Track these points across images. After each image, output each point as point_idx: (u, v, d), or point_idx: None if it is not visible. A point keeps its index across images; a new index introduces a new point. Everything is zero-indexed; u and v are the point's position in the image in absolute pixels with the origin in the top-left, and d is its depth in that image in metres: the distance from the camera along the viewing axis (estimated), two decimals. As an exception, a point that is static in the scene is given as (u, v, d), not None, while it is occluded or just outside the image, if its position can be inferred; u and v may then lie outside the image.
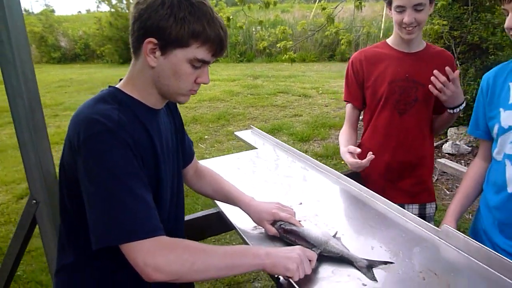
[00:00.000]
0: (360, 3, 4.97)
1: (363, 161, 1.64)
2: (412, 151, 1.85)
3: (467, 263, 1.12)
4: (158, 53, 1.00)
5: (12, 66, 1.27)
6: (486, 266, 1.09)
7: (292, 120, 6.66)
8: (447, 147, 4.83)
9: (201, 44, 1.00)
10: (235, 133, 2.64)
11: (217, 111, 7.17)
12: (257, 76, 10.44)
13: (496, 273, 1.06)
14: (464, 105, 1.72)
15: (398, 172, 1.86)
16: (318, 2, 6.67)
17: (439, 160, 4.46)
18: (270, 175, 1.83)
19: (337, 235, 1.24)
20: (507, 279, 1.04)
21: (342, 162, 4.18)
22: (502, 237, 1.37)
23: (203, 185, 1.47)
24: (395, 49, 1.83)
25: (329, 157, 5.00)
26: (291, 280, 1.02)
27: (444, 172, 4.38)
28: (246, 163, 2.00)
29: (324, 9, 5.21)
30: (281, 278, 1.06)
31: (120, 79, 1.13)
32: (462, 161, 4.63)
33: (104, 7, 16.06)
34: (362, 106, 1.97)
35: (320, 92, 8.59)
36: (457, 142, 4.85)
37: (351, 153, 1.74)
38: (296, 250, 1.07)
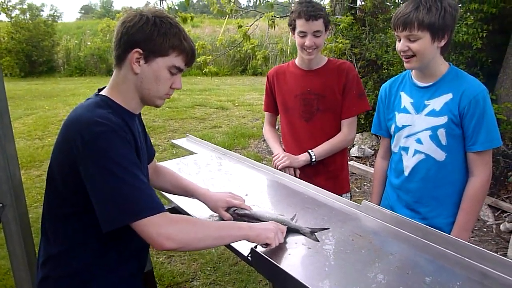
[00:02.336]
0: (273, 22, 5.42)
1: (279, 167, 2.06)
2: None
3: (382, 226, 1.47)
4: (142, 61, 1.21)
5: (-16, 76, 1.35)
6: (395, 227, 1.44)
7: (212, 131, 6.90)
8: (354, 151, 5.44)
9: (178, 54, 1.23)
10: (172, 141, 2.81)
11: (136, 125, 7.14)
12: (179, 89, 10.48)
13: (401, 230, 1.42)
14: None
15: (313, 169, 2.16)
16: (227, 18, 7.06)
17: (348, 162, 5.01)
18: (214, 174, 2.07)
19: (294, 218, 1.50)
20: (410, 234, 1.39)
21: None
22: (404, 209, 1.77)
23: (162, 181, 1.66)
24: (299, 68, 2.20)
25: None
26: (268, 247, 1.27)
27: (353, 173, 4.93)
28: (189, 166, 2.21)
29: (240, 26, 5.57)
30: (259, 246, 1.28)
31: (99, 89, 1.30)
32: (367, 162, 5.25)
33: (3, 17, 14.87)
34: (276, 113, 2.35)
35: (236, 104, 8.95)
36: (362, 146, 5.48)
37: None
38: (271, 224, 1.33)
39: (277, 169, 2.05)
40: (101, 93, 1.27)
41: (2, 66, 13.61)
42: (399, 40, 1.63)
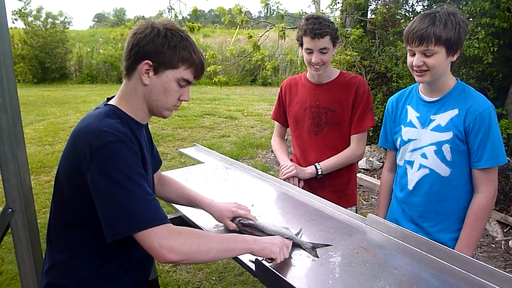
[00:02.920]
0: (284, 33, 5.46)
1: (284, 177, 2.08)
2: None
3: (387, 240, 1.46)
4: (151, 73, 1.23)
5: (-1, 84, 1.39)
6: (400, 241, 1.44)
7: (220, 140, 6.92)
8: (362, 163, 5.42)
9: (187, 67, 1.25)
10: (180, 150, 2.83)
11: (145, 132, 7.20)
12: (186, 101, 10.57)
13: (407, 244, 1.41)
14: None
15: (319, 182, 2.17)
16: (238, 29, 7.13)
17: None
18: (221, 184, 2.08)
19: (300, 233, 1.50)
20: (415, 248, 1.39)
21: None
22: (407, 221, 1.77)
23: (167, 191, 1.66)
24: (309, 81, 2.21)
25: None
26: (272, 261, 1.26)
27: (361, 185, 4.91)
28: (196, 175, 2.22)
29: (251, 37, 5.62)
30: (263, 259, 1.27)
31: (108, 98, 1.32)
32: (375, 175, 5.23)
33: (19, 24, 15.15)
34: (286, 125, 2.36)
35: (245, 114, 8.99)
36: (370, 159, 5.46)
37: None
38: (277, 239, 1.31)
39: (282, 178, 2.06)
40: (110, 102, 1.29)
41: (15, 72, 13.89)
42: (412, 55, 1.62)
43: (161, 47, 1.20)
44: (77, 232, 1.23)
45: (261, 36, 5.85)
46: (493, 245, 3.61)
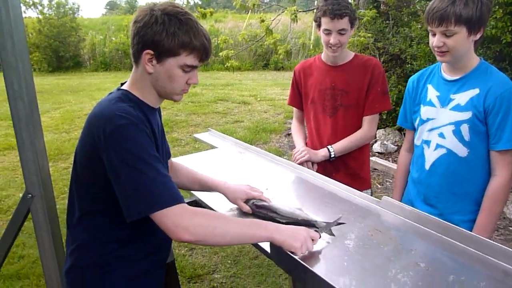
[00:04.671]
0: (296, 16, 5.39)
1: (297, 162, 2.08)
2: None
3: (402, 222, 1.46)
4: (154, 61, 1.22)
5: (15, 72, 1.41)
6: (415, 223, 1.43)
7: (234, 126, 6.94)
8: (376, 147, 5.38)
9: (189, 53, 1.22)
10: (194, 135, 2.85)
11: (159, 119, 7.25)
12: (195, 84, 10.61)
13: (422, 227, 1.41)
14: None
15: (333, 166, 2.17)
16: (250, 13, 7.06)
17: (370, 158, 4.96)
18: (235, 168, 2.09)
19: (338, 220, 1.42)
20: (431, 230, 1.38)
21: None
22: (423, 204, 1.76)
23: (179, 178, 1.66)
24: (324, 63, 2.20)
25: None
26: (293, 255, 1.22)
27: (375, 169, 4.88)
28: (211, 160, 2.24)
29: (263, 21, 5.56)
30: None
31: (122, 83, 1.34)
32: (390, 158, 5.19)
33: (31, 13, 15.28)
34: (300, 107, 2.36)
35: (259, 99, 8.97)
36: (385, 142, 5.42)
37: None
38: (302, 231, 1.24)
39: (296, 162, 2.07)
40: (122, 87, 1.30)
41: (31, 61, 14.06)
42: (434, 35, 1.60)
43: (159, 35, 1.18)
44: (96, 216, 1.26)
45: (273, 20, 5.79)
46: (510, 228, 3.57)
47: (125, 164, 1.11)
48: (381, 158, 5.17)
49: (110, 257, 1.27)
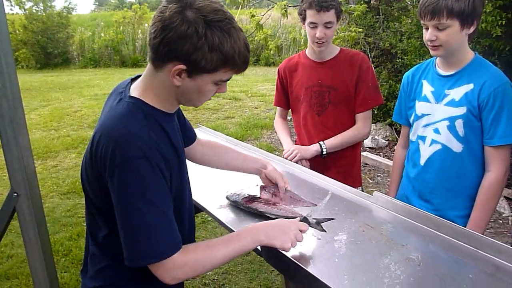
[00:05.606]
0: (286, 11, 5.36)
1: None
2: None
3: (393, 217, 1.45)
4: (184, 75, 1.04)
5: (-1, 69, 1.37)
6: (406, 218, 1.43)
7: (225, 122, 6.91)
8: (367, 142, 5.39)
9: (229, 69, 1.06)
10: (184, 131, 2.81)
11: (149, 115, 7.19)
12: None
13: (413, 222, 1.40)
14: None
15: (324, 164, 2.12)
16: (240, 9, 7.02)
17: (361, 153, 4.97)
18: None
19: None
20: (422, 225, 1.38)
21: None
22: (418, 199, 1.75)
23: (216, 156, 1.61)
24: (310, 59, 2.14)
25: (263, 155, 5.32)
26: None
27: (366, 164, 4.90)
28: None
29: (253, 16, 5.53)
30: None
31: (132, 79, 1.18)
32: (381, 153, 5.21)
33: (17, 9, 15.03)
34: (288, 107, 2.31)
35: (249, 95, 8.95)
36: (376, 137, 5.43)
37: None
38: (291, 227, 1.19)
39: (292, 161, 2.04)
40: (133, 94, 1.11)
41: (18, 58, 13.79)
42: (427, 29, 1.58)
43: (197, 53, 0.99)
44: (114, 240, 1.12)
45: (263, 15, 5.76)
46: (500, 221, 3.60)
47: (129, 204, 1.01)
48: (372, 153, 5.19)
49: (129, 280, 1.19)
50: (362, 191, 2.26)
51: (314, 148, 2.07)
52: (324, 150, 2.06)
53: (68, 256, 3.19)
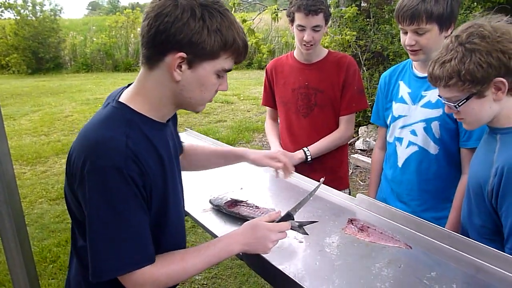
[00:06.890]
0: (277, 15, 5.37)
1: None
2: None
3: (376, 219, 1.44)
4: (184, 67, 0.99)
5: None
6: (389, 220, 1.42)
7: (217, 125, 6.89)
8: (358, 144, 5.39)
9: (230, 55, 1.01)
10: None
11: (141, 120, 7.16)
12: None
13: (396, 224, 1.40)
14: None
15: (310, 166, 2.08)
16: (233, 13, 7.03)
17: (352, 155, 4.98)
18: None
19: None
20: (404, 227, 1.37)
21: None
22: (396, 201, 1.75)
23: (198, 161, 1.58)
24: (297, 61, 2.13)
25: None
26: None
27: (358, 166, 4.90)
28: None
29: (245, 21, 5.53)
30: None
31: (129, 84, 1.11)
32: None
33: (8, 15, 14.89)
34: (276, 107, 2.29)
35: (242, 98, 8.93)
36: (367, 139, 5.43)
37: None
38: (271, 233, 1.14)
39: None
40: (122, 99, 1.05)
41: (9, 63, 13.64)
42: (405, 33, 1.57)
43: (199, 34, 0.94)
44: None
45: (254, 19, 5.76)
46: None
47: (94, 211, 0.96)
48: (363, 155, 5.19)
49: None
50: (350, 192, 2.27)
51: (299, 156, 2.04)
52: (308, 157, 2.04)
53: (56, 263, 3.15)
